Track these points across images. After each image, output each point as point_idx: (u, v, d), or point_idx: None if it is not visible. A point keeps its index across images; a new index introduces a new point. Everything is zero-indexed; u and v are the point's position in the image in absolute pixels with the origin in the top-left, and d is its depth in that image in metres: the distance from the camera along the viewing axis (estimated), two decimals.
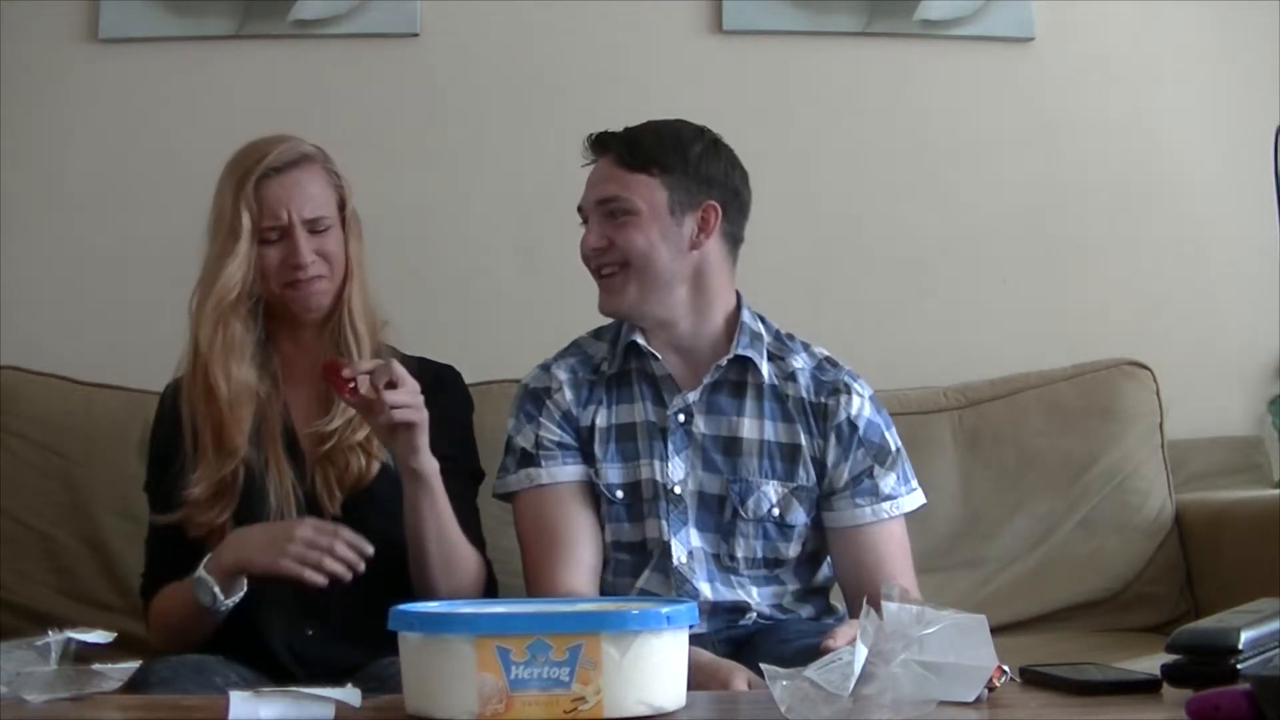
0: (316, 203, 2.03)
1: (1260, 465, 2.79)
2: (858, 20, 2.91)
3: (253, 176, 1.99)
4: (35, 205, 2.82)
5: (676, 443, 2.02)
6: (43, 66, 2.84)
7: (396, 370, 1.86)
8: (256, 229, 2.00)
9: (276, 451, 2.00)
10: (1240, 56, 2.93)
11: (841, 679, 1.29)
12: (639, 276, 2.01)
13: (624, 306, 2.04)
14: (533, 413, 2.05)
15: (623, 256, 2.01)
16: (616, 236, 2.02)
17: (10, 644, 1.52)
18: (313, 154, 2.06)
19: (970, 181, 2.94)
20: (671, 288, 2.03)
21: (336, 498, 1.99)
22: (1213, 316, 2.92)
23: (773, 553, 2.03)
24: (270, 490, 1.99)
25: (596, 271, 2.05)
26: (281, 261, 2.00)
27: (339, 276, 2.04)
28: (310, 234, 2.01)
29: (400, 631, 1.40)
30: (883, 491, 2.02)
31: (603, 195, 2.03)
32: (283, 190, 2.00)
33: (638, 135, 2.05)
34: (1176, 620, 2.46)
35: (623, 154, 2.03)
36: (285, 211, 2.00)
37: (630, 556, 2.03)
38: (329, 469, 2.00)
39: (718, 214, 2.03)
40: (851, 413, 2.03)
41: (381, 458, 2.00)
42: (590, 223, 2.05)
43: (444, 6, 2.88)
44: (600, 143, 2.07)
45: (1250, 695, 1.25)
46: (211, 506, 1.96)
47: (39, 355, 2.63)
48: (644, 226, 2.01)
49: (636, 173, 2.02)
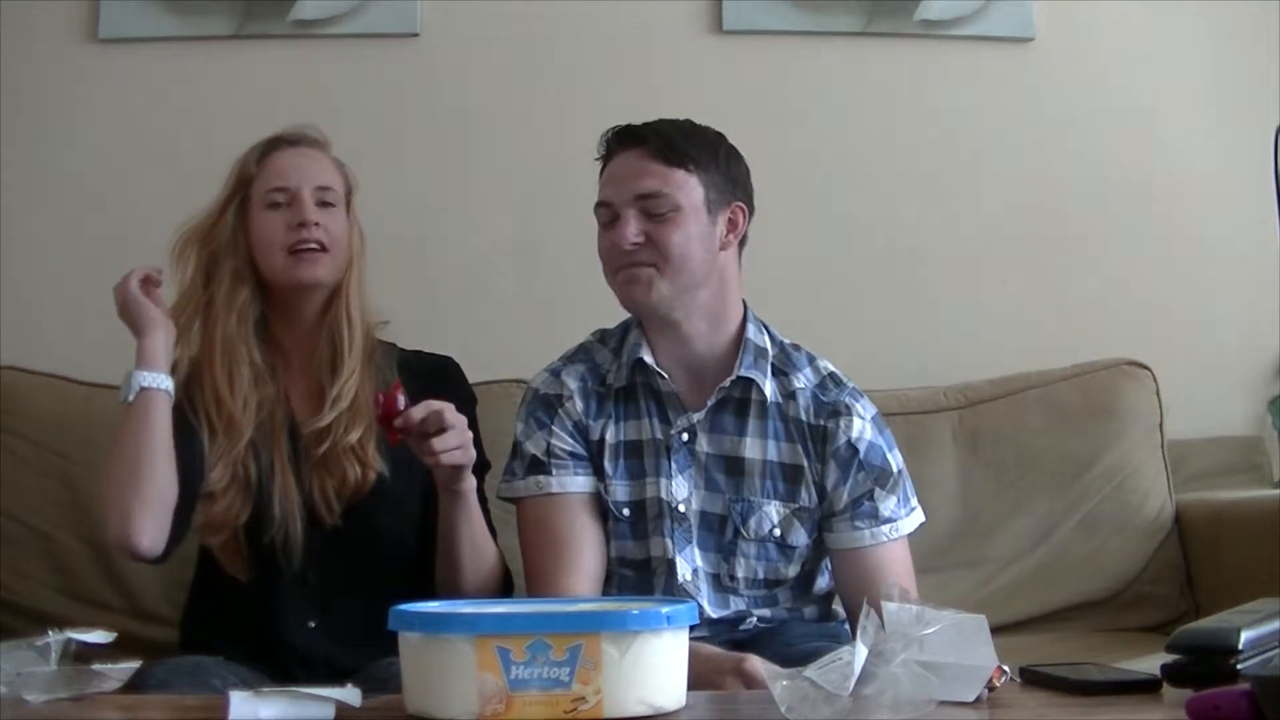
0: (326, 174, 2.07)
1: (1260, 465, 2.80)
2: (858, 20, 2.91)
3: (259, 148, 2.07)
4: (35, 205, 2.82)
5: (680, 461, 2.00)
6: (43, 66, 2.85)
7: (447, 416, 1.85)
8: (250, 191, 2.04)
9: (281, 453, 2.01)
10: (1240, 56, 2.93)
11: (841, 679, 1.29)
12: (674, 276, 1.95)
13: (652, 300, 1.96)
14: (544, 420, 2.02)
15: (660, 254, 1.94)
16: (656, 233, 1.94)
17: (10, 644, 1.52)
18: (325, 141, 2.12)
19: (970, 181, 2.94)
20: (698, 291, 1.97)
21: (335, 510, 2.00)
22: (1213, 316, 2.92)
23: (773, 573, 2.01)
24: (275, 498, 1.99)
25: (623, 269, 1.97)
26: (286, 224, 2.01)
27: (340, 260, 2.05)
28: (318, 205, 2.03)
29: (400, 631, 1.40)
30: (882, 514, 1.98)
31: (644, 189, 1.95)
32: (294, 159, 2.06)
33: (667, 130, 1.98)
34: (1176, 620, 2.46)
35: (660, 148, 1.96)
36: (294, 176, 2.03)
37: (634, 573, 2.02)
38: (326, 479, 2.00)
39: (745, 215, 2.01)
40: (852, 436, 1.99)
41: (376, 467, 2.01)
42: (625, 217, 1.95)
43: (444, 6, 2.88)
44: (631, 135, 1.99)
45: (1250, 695, 1.25)
46: (226, 494, 1.97)
47: (39, 355, 2.64)
48: (685, 224, 1.95)
49: (674, 168, 1.96)
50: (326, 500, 2.00)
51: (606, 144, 2.02)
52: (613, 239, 1.97)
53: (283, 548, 1.99)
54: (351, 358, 2.03)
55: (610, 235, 1.98)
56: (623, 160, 1.98)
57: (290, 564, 1.99)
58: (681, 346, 2.01)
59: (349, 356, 2.03)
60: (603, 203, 2.00)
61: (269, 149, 2.07)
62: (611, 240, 1.97)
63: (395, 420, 1.85)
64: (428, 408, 1.86)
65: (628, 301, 2.00)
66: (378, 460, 2.00)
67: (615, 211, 1.97)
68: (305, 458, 2.02)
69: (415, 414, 1.85)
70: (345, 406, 2.00)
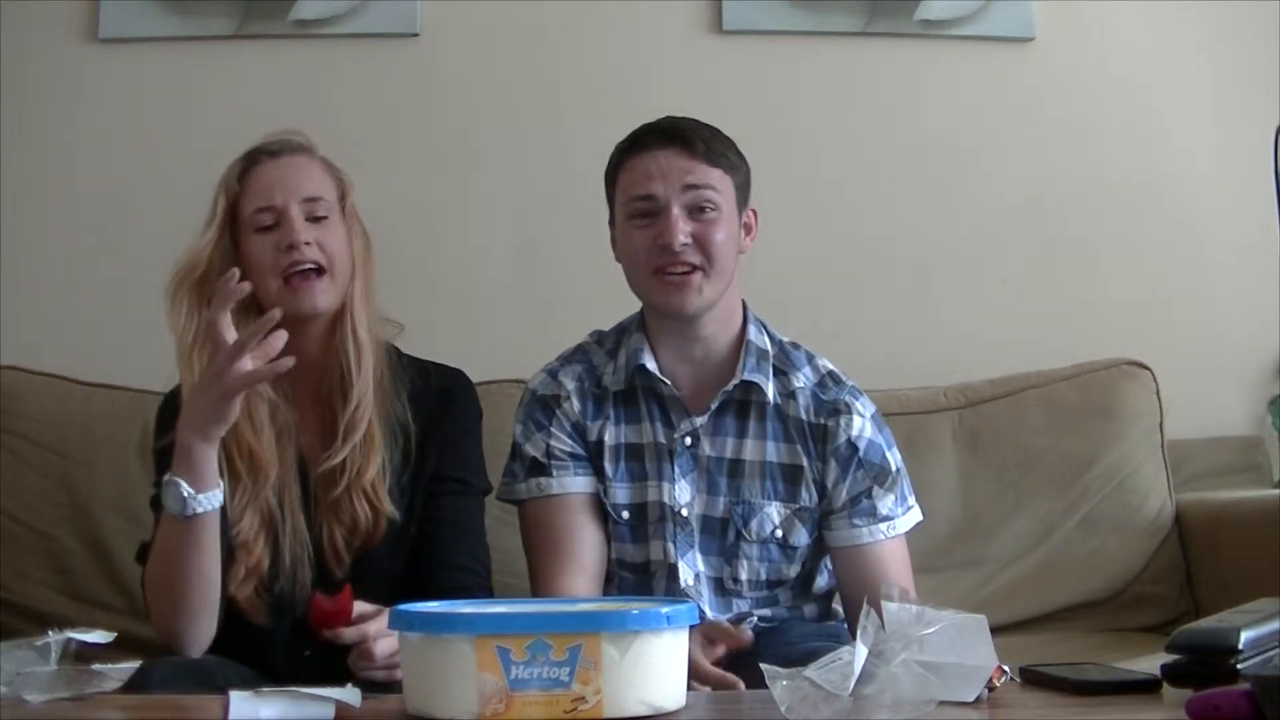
0: (313, 183, 1.92)
1: (1260, 465, 2.79)
2: (858, 20, 2.91)
3: (240, 164, 1.92)
4: (35, 205, 2.82)
5: (683, 465, 2.00)
6: (43, 66, 2.85)
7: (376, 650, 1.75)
8: (238, 213, 1.89)
9: (291, 495, 1.90)
10: (1240, 56, 2.93)
11: (841, 679, 1.29)
12: (716, 278, 1.93)
13: (700, 306, 1.94)
14: (543, 421, 2.02)
15: (705, 255, 1.92)
16: (703, 232, 1.93)
17: (10, 644, 1.52)
18: (309, 145, 1.98)
19: (970, 181, 2.94)
20: (727, 291, 1.98)
21: (345, 560, 1.90)
22: (1213, 316, 2.92)
23: (775, 574, 2.01)
24: (286, 544, 1.88)
25: (663, 269, 1.92)
26: (276, 247, 1.87)
27: (343, 278, 1.92)
28: (308, 221, 1.89)
29: (400, 631, 1.41)
30: (880, 512, 1.99)
31: (694, 182, 1.92)
32: (275, 172, 1.91)
33: (701, 128, 1.96)
34: (1176, 620, 2.46)
35: (701, 145, 1.94)
36: (278, 193, 1.89)
37: (634, 576, 2.02)
38: (335, 526, 1.89)
39: (756, 220, 2.03)
40: (852, 434, 2.00)
41: (388, 512, 1.90)
42: (671, 214, 1.91)
43: (444, 6, 2.88)
44: (673, 131, 1.95)
45: (1250, 695, 1.25)
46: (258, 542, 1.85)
47: (39, 355, 2.64)
48: (726, 224, 1.95)
49: (714, 166, 1.94)
50: (335, 549, 1.89)
51: (639, 139, 1.97)
52: (659, 236, 1.92)
53: (289, 597, 1.89)
54: (360, 382, 1.90)
55: (653, 231, 1.93)
56: (663, 156, 1.94)
57: (295, 611, 1.89)
58: (691, 349, 2.00)
59: (358, 381, 1.90)
60: (646, 195, 1.94)
61: (249, 164, 1.93)
62: (657, 236, 1.93)
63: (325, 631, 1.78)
64: (362, 634, 1.76)
65: (667, 305, 1.95)
66: (388, 504, 1.90)
67: (661, 205, 1.93)
68: (315, 501, 1.91)
69: (347, 636, 1.76)
70: (359, 439, 1.88)
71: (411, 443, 1.95)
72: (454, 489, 1.96)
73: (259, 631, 1.89)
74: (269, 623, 1.89)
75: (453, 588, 1.87)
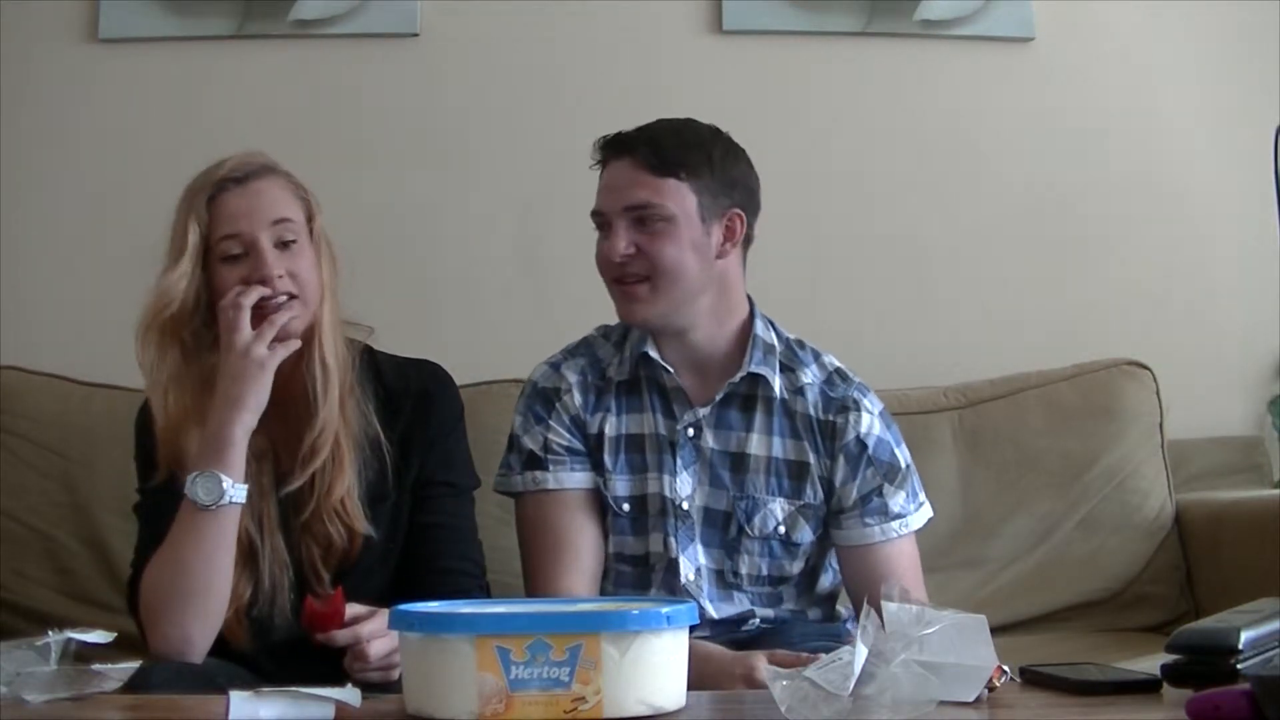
0: (280, 205, 1.88)
1: (1260, 465, 2.79)
2: (858, 20, 2.91)
3: (205, 191, 1.87)
4: (35, 205, 2.82)
5: (685, 457, 2.00)
6: (43, 66, 2.85)
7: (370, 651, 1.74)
8: (206, 243, 1.86)
9: (270, 515, 1.89)
10: (1240, 56, 2.93)
11: (841, 679, 1.29)
12: (668, 288, 1.94)
13: (649, 317, 1.96)
14: (542, 414, 2.02)
15: (651, 266, 1.93)
16: (648, 245, 1.93)
17: (10, 644, 1.52)
18: (274, 165, 1.93)
19: (970, 181, 2.94)
20: (696, 298, 1.96)
21: (324, 580, 1.88)
22: (1213, 316, 2.92)
23: (777, 570, 2.01)
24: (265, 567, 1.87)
25: (617, 280, 1.96)
26: (246, 280, 1.84)
27: (312, 303, 1.88)
28: (277, 247, 1.86)
29: (400, 631, 1.41)
30: (892, 510, 1.99)
31: (633, 200, 1.93)
32: (242, 200, 1.87)
33: (659, 136, 1.95)
34: (1176, 620, 2.46)
35: (649, 156, 1.93)
36: (245, 221, 1.85)
37: (632, 569, 2.02)
38: (312, 546, 1.88)
39: (743, 222, 1.99)
40: (861, 431, 2.00)
41: (362, 529, 1.88)
42: (616, 229, 1.94)
43: (444, 6, 2.88)
44: (620, 143, 1.96)
45: (1250, 695, 1.25)
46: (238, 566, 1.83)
47: (39, 355, 2.64)
48: (677, 235, 1.93)
49: (665, 177, 1.93)
50: (315, 569, 1.88)
51: (599, 150, 2.00)
52: (604, 250, 1.97)
53: (269, 620, 1.87)
54: (325, 409, 1.87)
55: (606, 244, 1.97)
56: (615, 169, 1.97)
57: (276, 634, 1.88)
58: (687, 346, 2.01)
59: (323, 408, 1.87)
60: (596, 212, 1.99)
61: (216, 192, 1.87)
62: (603, 251, 1.97)
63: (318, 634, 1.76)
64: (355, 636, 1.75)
65: (620, 314, 2.00)
66: (362, 521, 1.88)
67: (607, 219, 1.96)
68: (290, 522, 1.90)
69: (340, 638, 1.75)
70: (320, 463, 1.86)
71: (390, 452, 1.93)
72: (442, 492, 1.95)
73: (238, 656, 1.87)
74: (249, 646, 1.87)
75: (449, 593, 1.85)
